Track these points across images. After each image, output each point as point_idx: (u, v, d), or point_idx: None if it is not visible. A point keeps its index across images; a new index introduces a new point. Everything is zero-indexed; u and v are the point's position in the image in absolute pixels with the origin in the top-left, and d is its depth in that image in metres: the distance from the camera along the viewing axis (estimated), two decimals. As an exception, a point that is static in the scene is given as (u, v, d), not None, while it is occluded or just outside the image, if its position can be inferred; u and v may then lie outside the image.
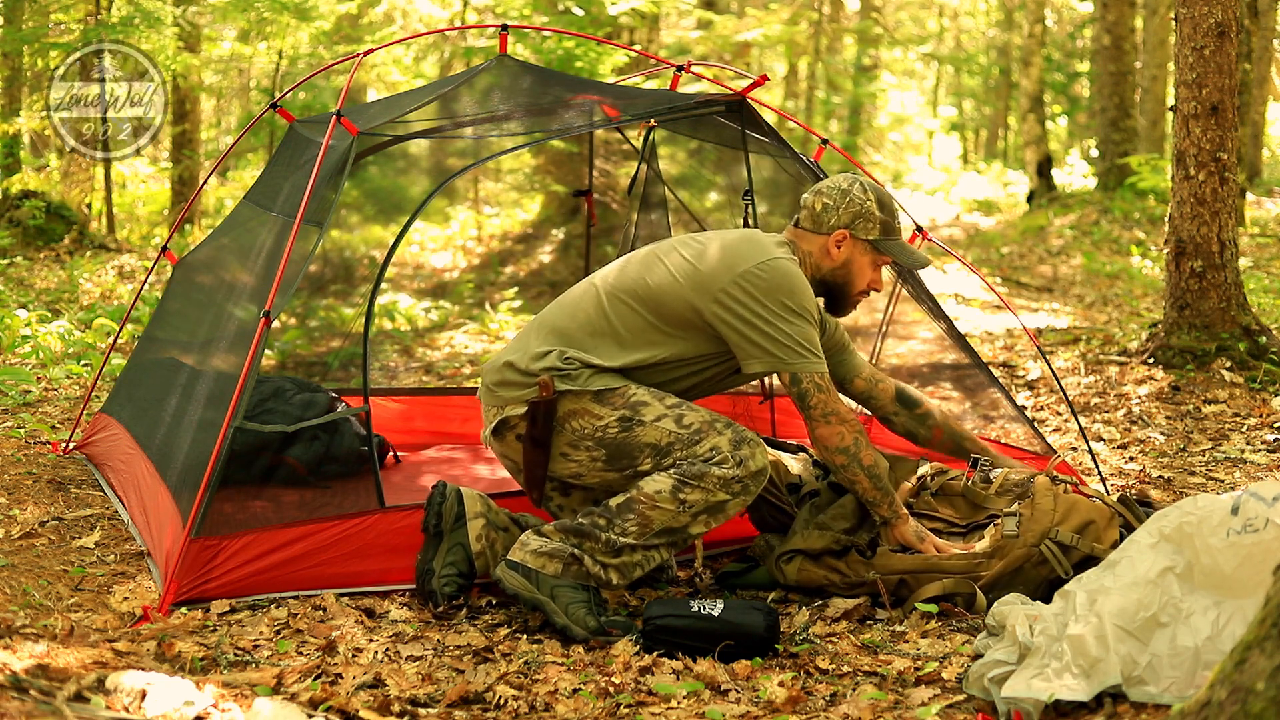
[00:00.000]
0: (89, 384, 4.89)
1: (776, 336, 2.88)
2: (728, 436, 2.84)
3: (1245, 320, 5.38)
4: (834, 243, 3.04)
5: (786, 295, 2.89)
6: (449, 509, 3.04)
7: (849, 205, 3.03)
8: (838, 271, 3.07)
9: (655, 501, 2.81)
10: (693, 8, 13.10)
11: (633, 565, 2.86)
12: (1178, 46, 5.35)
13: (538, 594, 2.84)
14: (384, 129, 3.56)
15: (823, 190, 3.07)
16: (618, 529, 2.83)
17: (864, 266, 3.07)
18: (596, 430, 2.88)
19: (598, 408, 2.88)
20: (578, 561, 2.85)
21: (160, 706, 2.05)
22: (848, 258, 3.05)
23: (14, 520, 3.34)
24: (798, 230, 3.09)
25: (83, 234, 8.83)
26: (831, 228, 3.03)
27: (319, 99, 9.55)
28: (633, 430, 2.86)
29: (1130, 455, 4.54)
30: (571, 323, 2.98)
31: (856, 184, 3.06)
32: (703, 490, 2.81)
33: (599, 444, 2.88)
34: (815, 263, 3.06)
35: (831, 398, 2.92)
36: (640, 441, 2.86)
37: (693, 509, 2.82)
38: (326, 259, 7.89)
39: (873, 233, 3.04)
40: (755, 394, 4.63)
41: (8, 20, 9.33)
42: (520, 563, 2.87)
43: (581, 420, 2.89)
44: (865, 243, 3.05)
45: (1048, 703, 2.24)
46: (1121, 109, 12.97)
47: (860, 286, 3.10)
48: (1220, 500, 2.38)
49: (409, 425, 4.42)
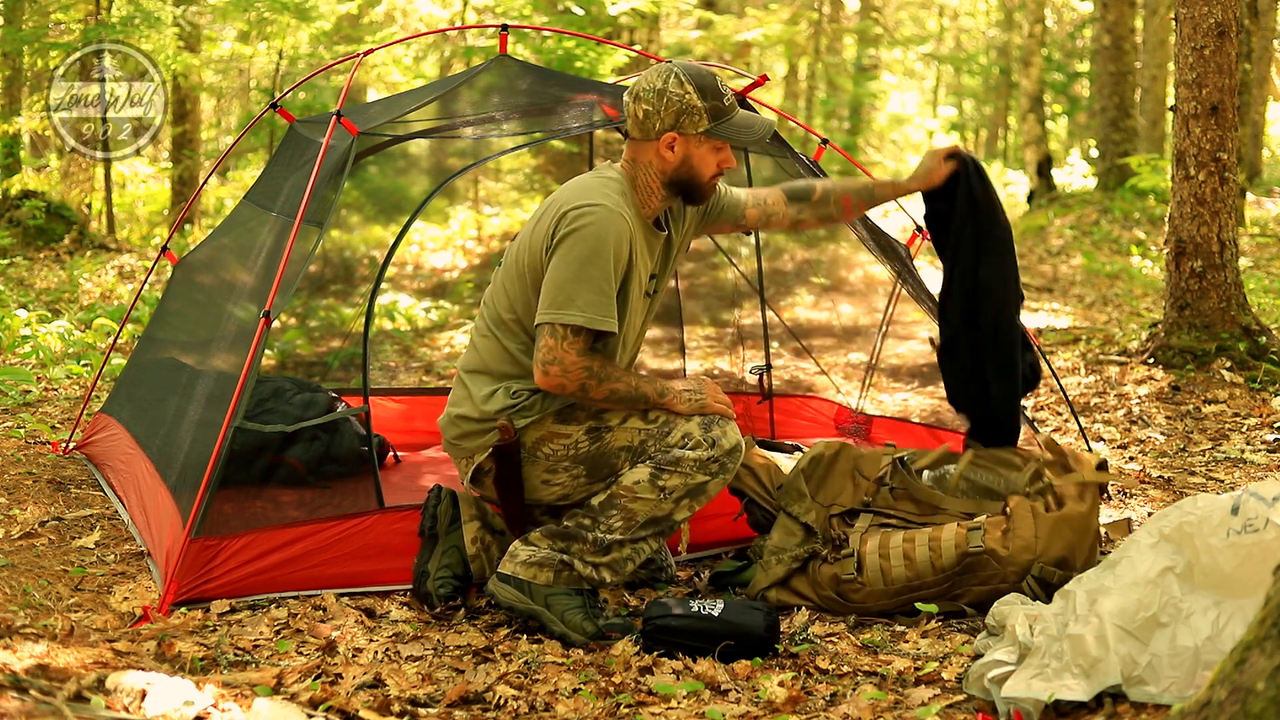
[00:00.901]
0: (89, 384, 4.89)
1: (551, 284, 2.79)
2: (696, 421, 2.85)
3: (1245, 320, 5.38)
4: (665, 146, 2.88)
5: (577, 243, 2.78)
6: (444, 512, 3.05)
7: (669, 106, 2.85)
8: (680, 170, 2.91)
9: (636, 493, 2.82)
10: (693, 8, 13.10)
11: (623, 560, 2.86)
12: (1178, 46, 5.35)
13: (532, 604, 2.85)
14: (384, 129, 3.56)
15: (640, 94, 2.88)
16: (603, 526, 2.83)
17: (704, 156, 2.91)
18: (569, 449, 2.88)
19: (563, 427, 2.88)
20: (568, 567, 2.85)
21: (160, 706, 2.05)
22: (684, 155, 2.89)
23: (14, 520, 3.34)
24: (631, 142, 2.94)
25: (83, 234, 8.83)
26: (659, 132, 2.87)
27: (319, 99, 9.55)
28: (603, 438, 2.86)
29: (1130, 455, 4.54)
30: (491, 360, 2.94)
31: (671, 78, 2.86)
32: (680, 474, 2.82)
33: (575, 461, 2.88)
34: (658, 169, 2.91)
35: (560, 345, 2.76)
36: (614, 447, 2.86)
37: (674, 494, 2.83)
38: (326, 259, 7.89)
39: (701, 124, 2.87)
40: (755, 394, 4.64)
41: (8, 20, 9.33)
42: (511, 575, 2.87)
43: (551, 445, 2.88)
44: (697, 136, 2.89)
45: (1048, 703, 2.24)
46: (1121, 109, 12.97)
47: (709, 174, 2.94)
48: (1220, 500, 2.38)
49: (409, 425, 4.42)
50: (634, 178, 2.93)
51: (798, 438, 4.57)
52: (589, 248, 2.78)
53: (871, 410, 4.86)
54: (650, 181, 2.93)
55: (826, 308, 7.80)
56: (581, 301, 2.76)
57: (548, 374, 2.79)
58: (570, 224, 2.79)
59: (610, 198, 2.84)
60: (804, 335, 6.55)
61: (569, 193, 2.88)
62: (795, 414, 4.86)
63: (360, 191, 8.53)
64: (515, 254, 2.94)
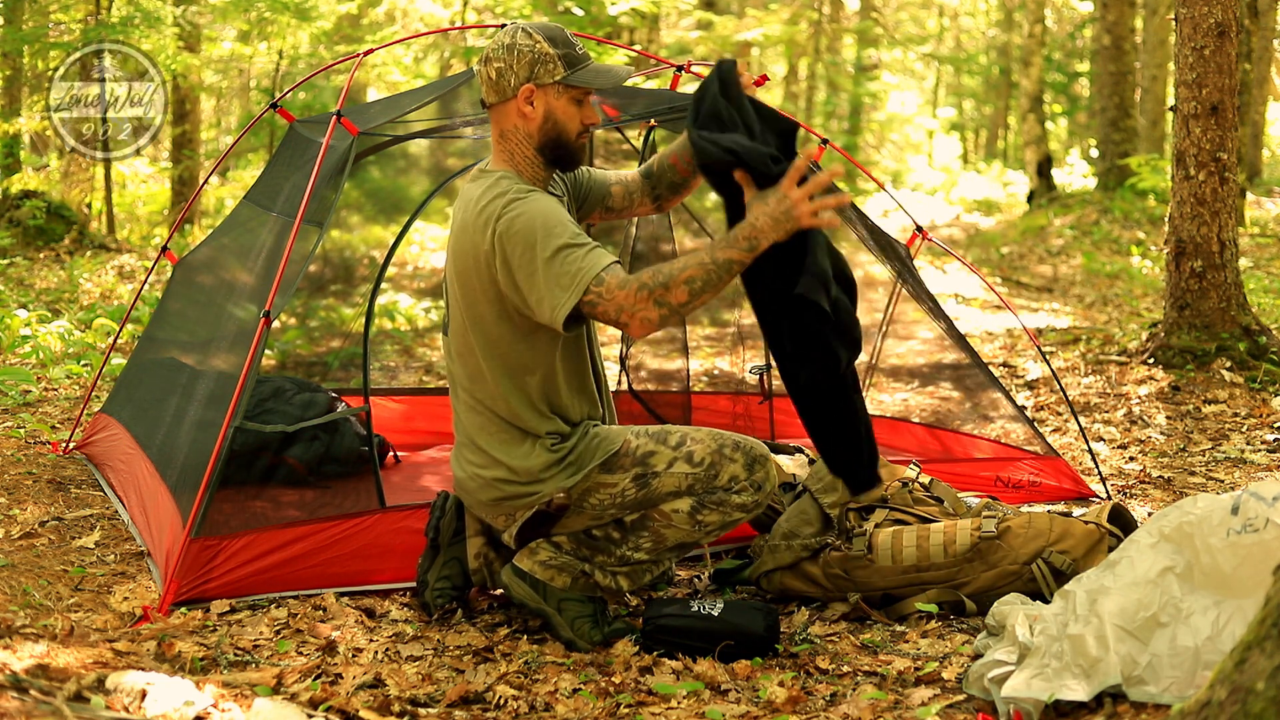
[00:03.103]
0: (89, 384, 4.89)
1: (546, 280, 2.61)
2: (740, 462, 2.77)
3: (1245, 320, 5.38)
4: (524, 101, 2.74)
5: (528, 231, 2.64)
6: (446, 525, 2.98)
7: (520, 58, 2.73)
8: (546, 128, 2.76)
9: (672, 521, 2.79)
10: (693, 8, 13.10)
11: (642, 572, 2.86)
12: (1178, 46, 5.35)
13: (544, 605, 2.83)
14: (384, 129, 3.56)
15: (490, 57, 2.78)
16: (631, 544, 2.82)
17: (567, 109, 2.78)
18: (616, 498, 2.79)
19: (609, 477, 2.78)
20: (587, 576, 2.84)
21: (160, 706, 2.05)
22: (545, 109, 2.76)
23: (14, 520, 3.34)
24: (492, 111, 2.81)
25: (83, 234, 8.83)
26: (515, 87, 2.74)
27: (319, 99, 9.55)
28: (650, 485, 2.78)
29: (1130, 455, 4.54)
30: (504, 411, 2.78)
31: (519, 32, 2.77)
32: (720, 513, 2.78)
33: (622, 509, 2.81)
34: (524, 132, 2.77)
35: (607, 294, 2.58)
36: (662, 492, 2.78)
37: (708, 528, 2.80)
38: (326, 259, 7.88)
39: (556, 73, 2.74)
40: (755, 394, 4.64)
41: (8, 20, 9.33)
42: (528, 572, 2.84)
43: (598, 495, 2.79)
44: (554, 85, 2.76)
45: (1048, 703, 2.24)
46: (1121, 109, 12.97)
47: (575, 130, 2.79)
48: (1220, 500, 2.38)
49: (409, 425, 4.42)
50: (511, 156, 2.79)
51: (798, 438, 4.57)
52: (540, 224, 2.63)
53: (871, 410, 4.86)
54: (524, 150, 2.79)
55: (826, 308, 7.78)
56: (579, 262, 2.60)
57: (629, 324, 2.59)
58: (507, 225, 2.65)
59: (511, 184, 2.73)
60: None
61: (472, 211, 2.72)
62: (795, 414, 4.86)
63: (360, 191, 8.53)
64: (464, 300, 2.77)
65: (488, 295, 2.72)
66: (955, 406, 5.36)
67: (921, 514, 3.16)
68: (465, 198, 2.79)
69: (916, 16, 23.99)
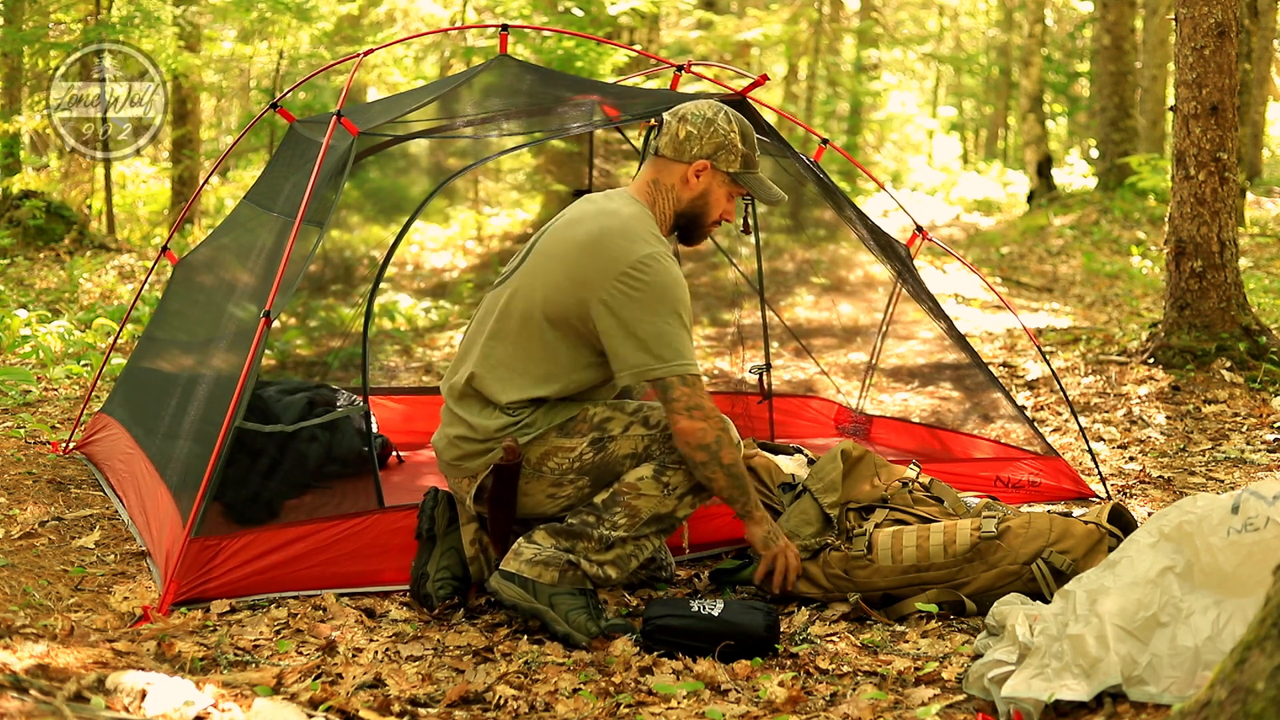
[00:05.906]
0: (89, 384, 4.89)
1: (648, 340, 2.76)
2: None
3: (1245, 320, 5.38)
4: (694, 172, 2.93)
5: (662, 294, 2.77)
6: (441, 514, 3.05)
7: (713, 135, 2.91)
8: (695, 201, 2.95)
9: (640, 490, 2.82)
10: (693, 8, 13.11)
11: (627, 557, 2.86)
12: (1178, 46, 5.35)
13: (536, 603, 2.84)
14: (384, 129, 3.56)
15: (687, 117, 2.94)
16: (608, 524, 2.83)
17: (720, 198, 2.97)
18: (573, 461, 2.86)
19: (566, 440, 2.86)
20: (574, 566, 2.84)
21: (160, 706, 2.05)
22: (706, 188, 2.94)
23: (14, 520, 3.34)
24: (659, 160, 2.96)
25: (83, 234, 8.83)
26: (694, 157, 2.92)
27: (319, 99, 9.55)
28: (606, 448, 2.86)
29: (1130, 455, 4.54)
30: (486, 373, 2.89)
31: (722, 114, 2.94)
32: (684, 472, 2.83)
33: (580, 473, 2.87)
34: (676, 194, 2.95)
35: (696, 393, 2.77)
36: (619, 455, 2.86)
37: (677, 491, 2.84)
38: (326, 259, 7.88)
39: (734, 165, 2.93)
40: (755, 394, 4.63)
41: (8, 20, 9.33)
42: (515, 573, 2.86)
43: (556, 458, 2.86)
44: (724, 174, 2.94)
45: (1048, 703, 2.24)
46: (1121, 109, 12.97)
47: (714, 217, 2.99)
48: (1220, 499, 2.38)
49: (409, 425, 4.42)
50: (653, 202, 2.96)
51: (798, 438, 4.57)
52: (673, 295, 2.78)
53: (871, 410, 4.87)
54: (665, 209, 2.96)
55: (826, 308, 7.79)
56: (688, 351, 2.78)
57: (693, 418, 2.76)
58: (644, 275, 2.76)
59: (656, 235, 2.86)
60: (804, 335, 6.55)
61: (618, 240, 2.81)
62: (795, 414, 4.86)
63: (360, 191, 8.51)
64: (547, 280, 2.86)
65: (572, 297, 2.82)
66: (955, 406, 5.35)
67: (921, 514, 3.16)
68: (607, 207, 2.92)
69: (916, 16, 23.99)
